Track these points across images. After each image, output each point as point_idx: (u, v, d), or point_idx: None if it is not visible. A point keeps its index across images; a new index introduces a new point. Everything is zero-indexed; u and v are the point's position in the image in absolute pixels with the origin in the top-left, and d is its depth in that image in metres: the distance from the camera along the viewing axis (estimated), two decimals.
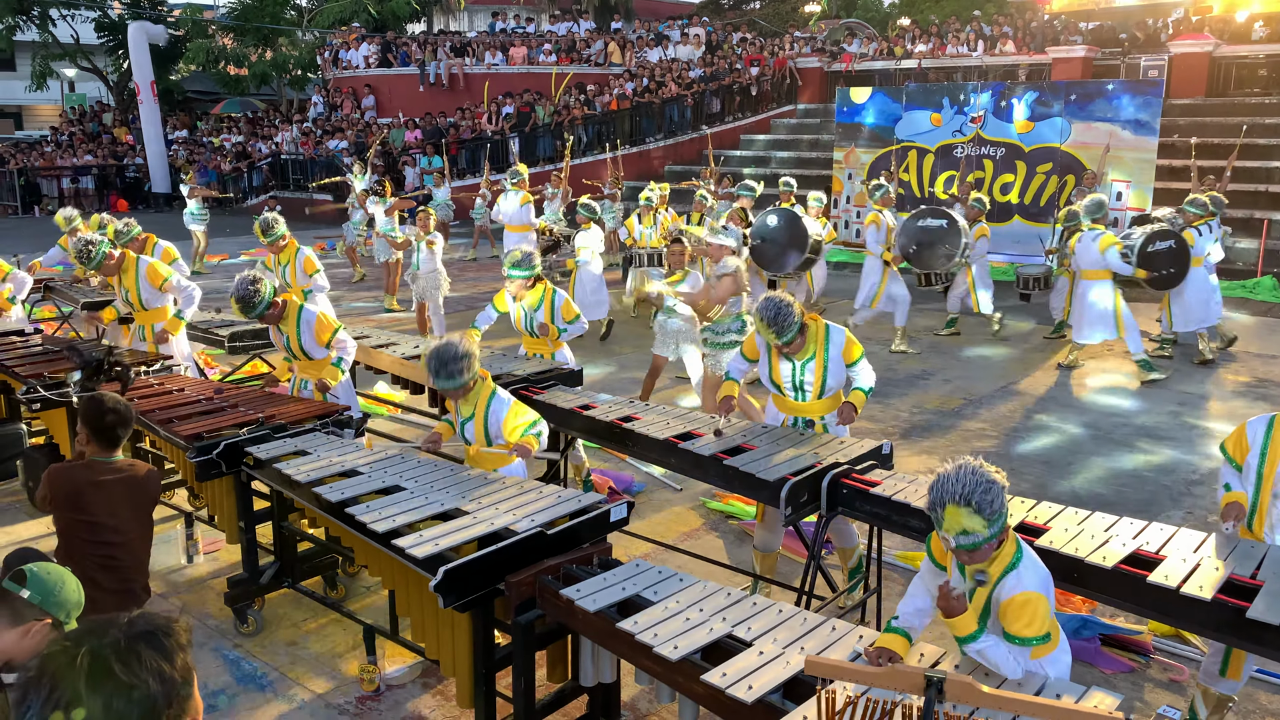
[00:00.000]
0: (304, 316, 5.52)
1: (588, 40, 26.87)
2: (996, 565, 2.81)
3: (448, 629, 3.61)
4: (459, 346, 4.23)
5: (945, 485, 2.68)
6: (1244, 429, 3.68)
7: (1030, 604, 2.74)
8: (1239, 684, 3.75)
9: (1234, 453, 3.72)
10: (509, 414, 4.36)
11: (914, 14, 29.39)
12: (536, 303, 6.21)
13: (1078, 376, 9.06)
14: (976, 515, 2.64)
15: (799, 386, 4.83)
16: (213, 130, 29.27)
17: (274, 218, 7.93)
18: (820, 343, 4.74)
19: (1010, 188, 15.28)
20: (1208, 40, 18.62)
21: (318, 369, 5.61)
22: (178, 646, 1.51)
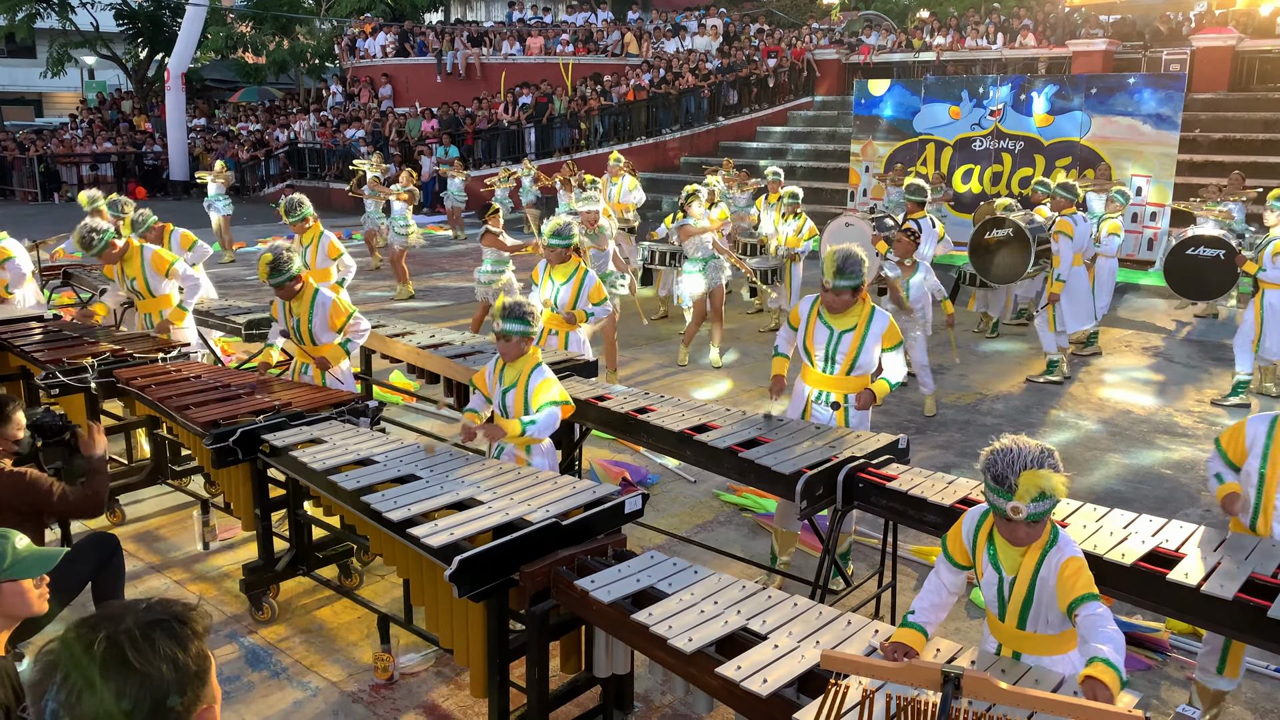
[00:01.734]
0: (319, 299, 5.52)
1: (604, 31, 26.81)
2: (1033, 552, 2.82)
3: (462, 618, 3.61)
4: (528, 300, 4.47)
5: (1011, 457, 2.67)
6: (1243, 427, 3.65)
7: (1083, 567, 2.77)
8: (1237, 681, 3.75)
9: (1229, 450, 3.69)
10: (542, 383, 4.41)
11: (933, 6, 29.17)
12: (566, 278, 6.25)
13: (1094, 373, 9.00)
14: (1054, 475, 2.64)
15: (830, 356, 4.86)
16: (230, 119, 29.37)
17: (299, 198, 7.96)
18: (864, 318, 4.80)
19: (1029, 181, 15.16)
20: (1231, 34, 18.41)
21: (322, 352, 5.63)
22: (193, 634, 1.51)
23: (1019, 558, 2.84)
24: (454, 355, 6.10)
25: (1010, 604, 2.90)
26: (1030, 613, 2.87)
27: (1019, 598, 2.87)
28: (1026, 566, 2.84)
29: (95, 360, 5.65)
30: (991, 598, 2.96)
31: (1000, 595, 2.92)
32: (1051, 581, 2.79)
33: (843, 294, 4.72)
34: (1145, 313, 11.61)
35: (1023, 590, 2.86)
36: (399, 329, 6.94)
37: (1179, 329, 10.82)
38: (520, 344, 4.40)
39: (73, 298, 9.82)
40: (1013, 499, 2.67)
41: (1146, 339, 10.31)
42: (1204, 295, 10.20)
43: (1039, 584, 2.82)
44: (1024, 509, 2.67)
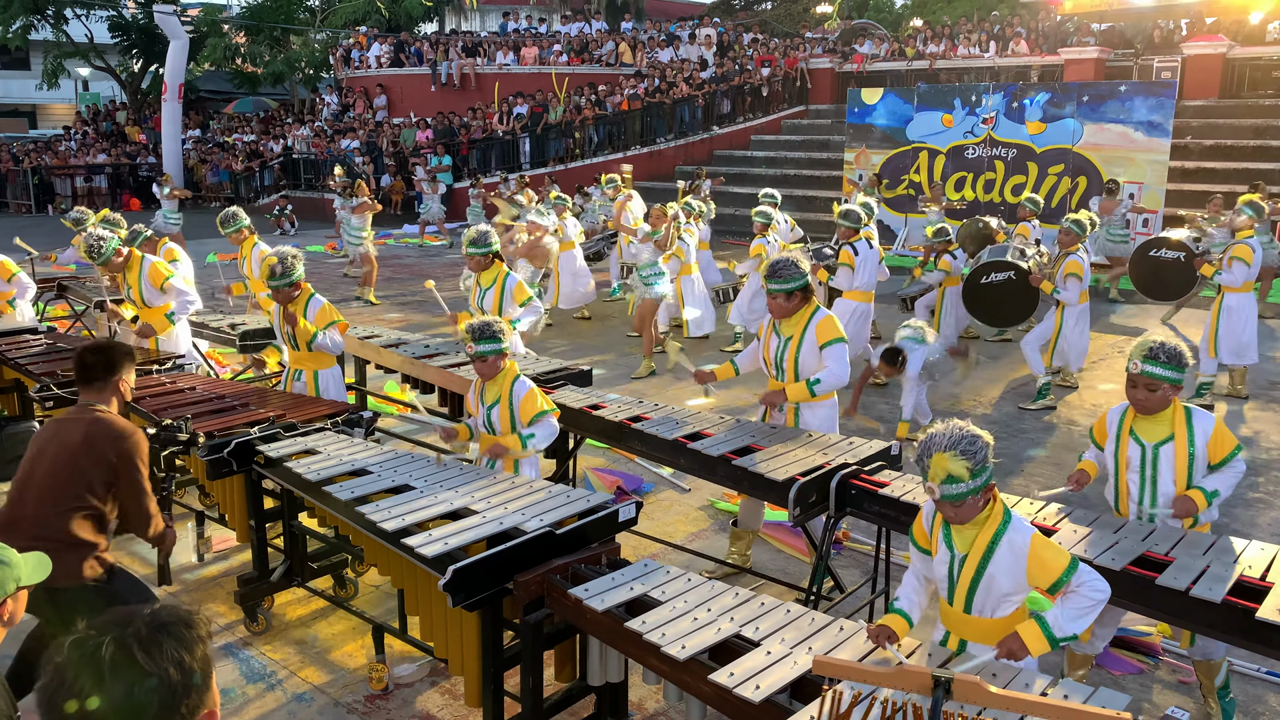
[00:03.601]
0: (312, 303, 5.63)
1: (599, 40, 26.90)
2: (985, 534, 2.89)
3: (456, 628, 3.62)
4: (492, 317, 4.52)
5: (933, 438, 2.82)
6: (1104, 417, 4.00)
7: (1047, 544, 2.87)
8: (1101, 644, 4.00)
9: (1097, 437, 4.03)
10: (527, 395, 4.44)
11: (926, 15, 29.33)
12: (490, 282, 6.39)
13: (1087, 380, 9.03)
14: (961, 460, 2.74)
15: (779, 364, 4.91)
16: (225, 129, 29.41)
17: (235, 211, 8.21)
18: (803, 323, 4.81)
19: (1022, 189, 15.23)
20: (1221, 42, 18.53)
21: (313, 362, 5.68)
22: (198, 638, 1.55)
23: (972, 536, 2.93)
24: (449, 365, 6.11)
25: (959, 584, 2.98)
26: (976, 595, 2.95)
27: (967, 576, 2.95)
28: (979, 545, 2.92)
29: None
30: (943, 577, 3.04)
31: (950, 574, 3.00)
32: (1010, 563, 2.86)
33: (777, 297, 4.76)
34: (1138, 319, 11.66)
35: (972, 568, 2.94)
36: (393, 339, 6.96)
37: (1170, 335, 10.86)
38: (495, 362, 4.44)
39: (67, 309, 9.83)
40: (927, 479, 2.83)
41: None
42: (1165, 296, 10.29)
43: (991, 564, 2.89)
44: (936, 490, 2.80)
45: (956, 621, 3.05)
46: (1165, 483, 3.77)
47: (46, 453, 3.60)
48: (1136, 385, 3.75)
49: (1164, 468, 3.76)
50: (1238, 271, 7.73)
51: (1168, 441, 3.76)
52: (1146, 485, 3.81)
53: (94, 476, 3.58)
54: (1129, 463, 3.84)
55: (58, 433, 3.64)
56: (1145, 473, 3.80)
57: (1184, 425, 3.76)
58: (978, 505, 2.86)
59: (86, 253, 6.70)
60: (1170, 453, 3.75)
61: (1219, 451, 3.73)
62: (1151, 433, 3.80)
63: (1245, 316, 7.90)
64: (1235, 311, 7.86)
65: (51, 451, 3.60)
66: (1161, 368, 3.68)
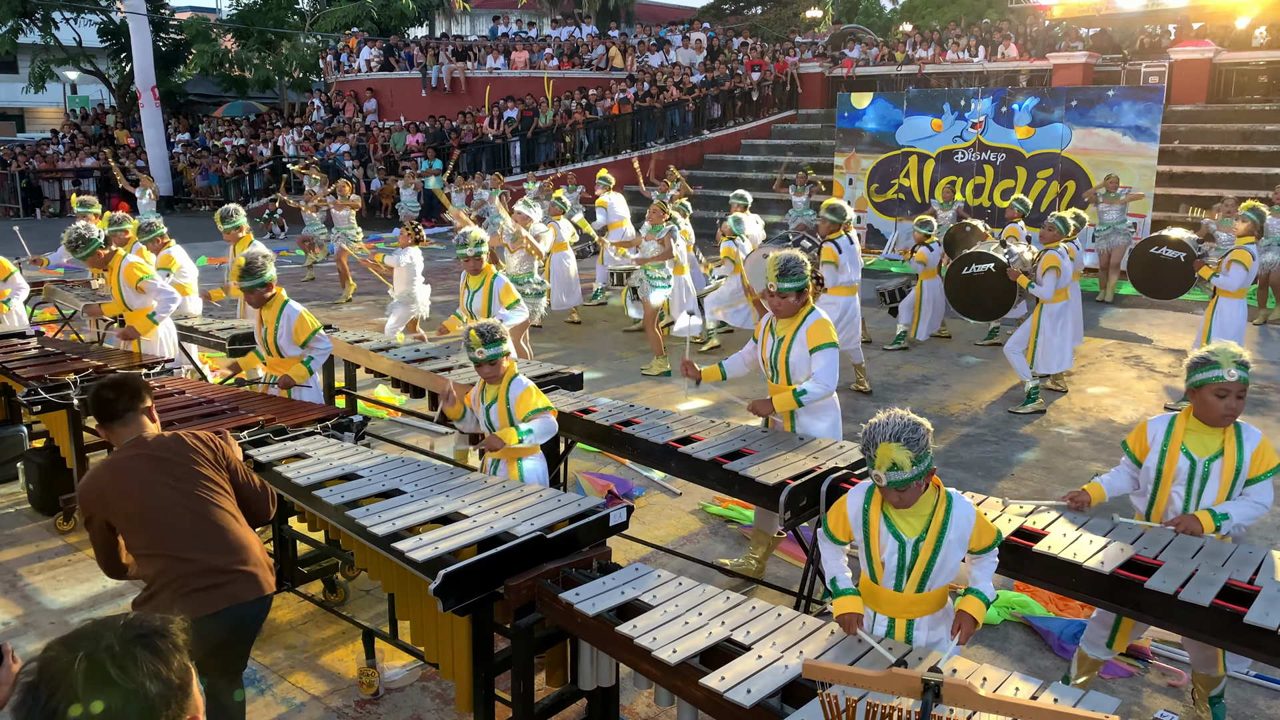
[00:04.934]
0: (286, 310, 5.58)
1: (589, 44, 26.93)
2: (937, 516, 3.04)
3: (447, 632, 3.61)
4: (493, 321, 4.51)
5: (876, 427, 2.95)
6: (1144, 427, 3.88)
7: (981, 517, 3.13)
8: (1116, 654, 3.95)
9: (1135, 449, 3.91)
10: (523, 393, 4.45)
11: (915, 19, 29.44)
12: (478, 285, 6.42)
13: (1076, 382, 9.06)
14: (905, 449, 2.88)
15: (774, 366, 4.91)
16: (214, 133, 29.33)
17: (234, 208, 8.30)
18: (797, 323, 4.81)
19: (1011, 194, 15.29)
20: (1208, 47, 18.64)
21: (286, 367, 5.64)
22: (174, 648, 1.51)
23: (921, 523, 3.04)
24: (439, 369, 6.10)
25: (915, 567, 3.05)
26: (932, 574, 3.06)
27: (924, 560, 3.04)
28: (935, 526, 3.03)
29: (78, 377, 5.63)
30: (892, 568, 3.08)
31: (902, 561, 3.06)
32: (964, 530, 3.06)
33: (788, 296, 4.73)
34: (1126, 322, 11.71)
35: (929, 551, 3.03)
36: (382, 343, 6.94)
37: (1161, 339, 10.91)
38: (500, 364, 4.44)
39: (55, 313, 9.79)
40: (873, 467, 2.95)
41: (1128, 348, 10.39)
42: (1162, 294, 10.33)
43: (945, 544, 3.04)
44: (883, 476, 2.93)
45: (906, 604, 3.11)
46: (1209, 498, 3.67)
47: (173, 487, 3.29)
48: (1228, 394, 3.57)
49: (1211, 483, 3.66)
50: (1235, 275, 7.77)
51: (1218, 457, 3.65)
52: (1192, 500, 3.70)
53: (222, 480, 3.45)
54: (1177, 475, 3.72)
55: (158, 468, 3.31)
56: (1192, 487, 3.70)
57: (1234, 440, 3.66)
58: (921, 490, 3.01)
59: (69, 247, 6.64)
60: (1220, 468, 3.64)
61: (1261, 465, 3.64)
62: (1204, 447, 3.68)
63: (1237, 321, 7.94)
64: (1227, 315, 7.90)
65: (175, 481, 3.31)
66: (1247, 371, 3.62)
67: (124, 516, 3.26)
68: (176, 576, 3.16)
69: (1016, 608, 4.85)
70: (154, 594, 3.19)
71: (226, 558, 3.25)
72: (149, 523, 3.24)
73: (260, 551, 3.38)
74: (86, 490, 3.30)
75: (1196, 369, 3.65)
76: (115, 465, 3.32)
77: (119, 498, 3.26)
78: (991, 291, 9.19)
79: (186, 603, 3.09)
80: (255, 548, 3.37)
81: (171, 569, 3.18)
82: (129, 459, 3.33)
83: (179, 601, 3.11)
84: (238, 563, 3.26)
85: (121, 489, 3.26)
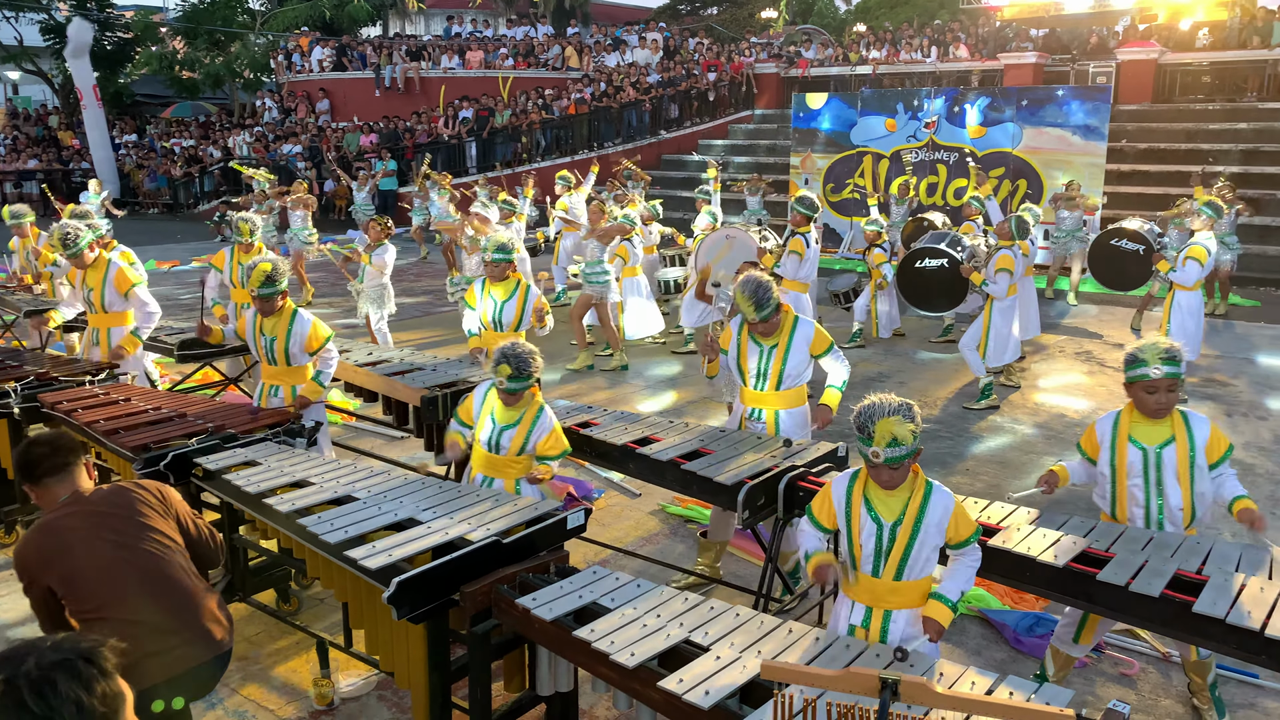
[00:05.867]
0: (299, 320, 5.47)
1: (545, 44, 26.83)
2: (915, 498, 3.11)
3: (402, 641, 3.55)
4: (526, 345, 4.24)
5: (873, 408, 3.03)
6: (1093, 428, 3.96)
7: (961, 507, 3.15)
8: (1089, 648, 3.99)
9: (1087, 450, 3.98)
10: (551, 434, 4.31)
11: (868, 20, 29.73)
12: (508, 294, 6.22)
13: (1030, 378, 9.19)
14: (905, 423, 2.97)
15: (762, 373, 4.87)
16: (163, 134, 28.79)
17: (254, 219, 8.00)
18: (786, 331, 4.81)
19: (964, 192, 15.48)
20: (1154, 48, 19.03)
21: (291, 377, 5.52)
22: (100, 673, 1.44)
23: (900, 505, 3.10)
24: (393, 373, 6.03)
25: (893, 552, 3.12)
26: (909, 559, 3.11)
27: (902, 543, 3.10)
28: (912, 508, 3.10)
29: (19, 384, 5.47)
30: (869, 553, 3.15)
31: (879, 545, 3.13)
32: (940, 518, 3.11)
33: (771, 320, 4.73)
34: (1078, 319, 11.90)
35: (906, 534, 3.09)
36: (338, 346, 6.84)
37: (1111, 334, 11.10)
38: (523, 394, 4.25)
39: None
40: (871, 444, 3.00)
41: (1079, 344, 10.56)
42: (1121, 286, 10.46)
43: (925, 521, 3.10)
44: (881, 453, 2.99)
45: (884, 592, 3.16)
46: (1171, 485, 3.73)
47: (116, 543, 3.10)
48: (1158, 389, 3.67)
49: (1168, 471, 3.72)
50: (1190, 270, 7.91)
51: (1169, 444, 3.72)
52: (1153, 490, 3.75)
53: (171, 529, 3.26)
54: (1130, 469, 3.78)
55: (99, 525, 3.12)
56: (1150, 477, 3.75)
57: (1183, 426, 3.74)
58: (907, 471, 3.09)
59: (59, 243, 6.43)
60: (1173, 455, 3.71)
61: (1216, 452, 3.73)
62: (1152, 436, 3.75)
63: (1195, 314, 8.09)
64: (1185, 309, 8.05)
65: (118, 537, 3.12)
66: (1178, 366, 3.68)
67: (63, 580, 3.03)
68: (125, 642, 3.01)
69: (973, 601, 4.89)
70: None
71: (177, 617, 3.06)
72: (91, 585, 3.01)
73: (214, 603, 3.20)
74: (23, 554, 3.07)
75: (1127, 366, 3.76)
76: (51, 526, 3.10)
77: (57, 560, 3.03)
78: (943, 288, 9.31)
79: (137, 672, 2.84)
80: (208, 600, 3.18)
81: (116, 634, 3.01)
82: (66, 517, 3.11)
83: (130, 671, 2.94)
84: (189, 621, 3.07)
85: (60, 551, 3.04)
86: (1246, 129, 17.03)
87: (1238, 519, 3.71)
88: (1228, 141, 16.70)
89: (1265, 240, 14.56)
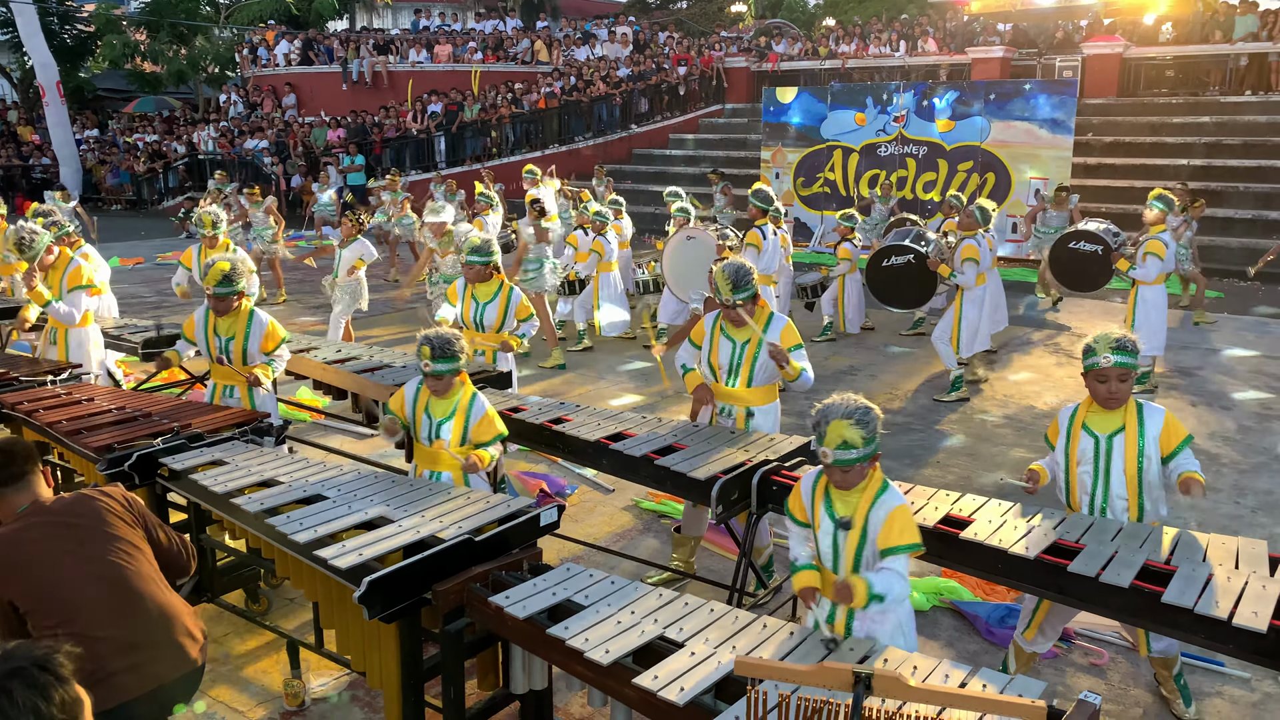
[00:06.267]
0: (256, 319, 5.38)
1: (514, 38, 26.69)
2: (865, 496, 3.14)
3: (374, 640, 3.52)
4: (453, 332, 4.20)
5: (830, 407, 3.07)
6: (1056, 418, 4.04)
7: (903, 512, 3.14)
8: (1047, 644, 4.03)
9: (1052, 440, 4.05)
10: (484, 419, 4.27)
11: (838, 14, 29.83)
12: (490, 295, 6.12)
13: (998, 370, 9.27)
14: (856, 429, 3.00)
15: (734, 369, 4.86)
16: (125, 130, 28.34)
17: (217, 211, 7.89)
18: (760, 325, 4.79)
19: (933, 185, 15.59)
20: (1118, 42, 19.24)
21: (240, 378, 5.43)
22: (56, 680, 1.41)
23: (855, 502, 3.14)
24: (362, 370, 5.97)
25: (846, 549, 3.16)
26: (863, 558, 3.15)
27: (853, 542, 3.14)
28: (862, 508, 3.13)
29: None
30: (827, 549, 3.21)
31: (835, 543, 3.18)
32: (878, 524, 3.12)
33: (746, 305, 4.73)
34: (1047, 311, 12.02)
35: (857, 534, 3.13)
36: (304, 344, 6.77)
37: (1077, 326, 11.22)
38: (451, 380, 4.22)
39: None
40: (823, 444, 3.05)
41: (1048, 335, 10.67)
42: (1083, 287, 10.46)
43: (870, 527, 3.13)
44: (830, 453, 3.04)
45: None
46: (1117, 473, 3.79)
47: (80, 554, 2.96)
48: (1108, 378, 3.74)
49: (1116, 460, 3.78)
50: (1151, 266, 7.99)
51: (1119, 432, 3.79)
52: (1100, 477, 3.81)
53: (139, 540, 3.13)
54: (1081, 456, 3.84)
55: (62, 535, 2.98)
56: (1099, 464, 3.81)
57: (1135, 417, 3.79)
58: (863, 472, 3.12)
59: (15, 246, 6.32)
60: (1122, 444, 3.77)
61: (1172, 442, 3.76)
62: (1104, 424, 3.82)
63: (1160, 308, 8.17)
64: (1151, 304, 8.11)
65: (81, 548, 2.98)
66: (1129, 356, 3.72)
67: (25, 594, 2.89)
68: (89, 658, 2.73)
69: (945, 593, 4.92)
70: None
71: (147, 631, 2.92)
72: (54, 599, 2.87)
73: (188, 617, 3.07)
74: None
75: (1083, 356, 3.84)
76: (11, 538, 2.96)
77: (17, 573, 2.89)
78: (911, 283, 9.33)
79: (102, 689, 2.75)
80: (181, 614, 3.05)
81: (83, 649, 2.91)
82: (25, 528, 2.98)
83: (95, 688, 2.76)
84: (160, 636, 2.94)
85: (21, 563, 2.90)
86: (1209, 122, 17.27)
87: (1179, 486, 3.72)
88: (1191, 135, 16.93)
89: (1228, 232, 14.77)
